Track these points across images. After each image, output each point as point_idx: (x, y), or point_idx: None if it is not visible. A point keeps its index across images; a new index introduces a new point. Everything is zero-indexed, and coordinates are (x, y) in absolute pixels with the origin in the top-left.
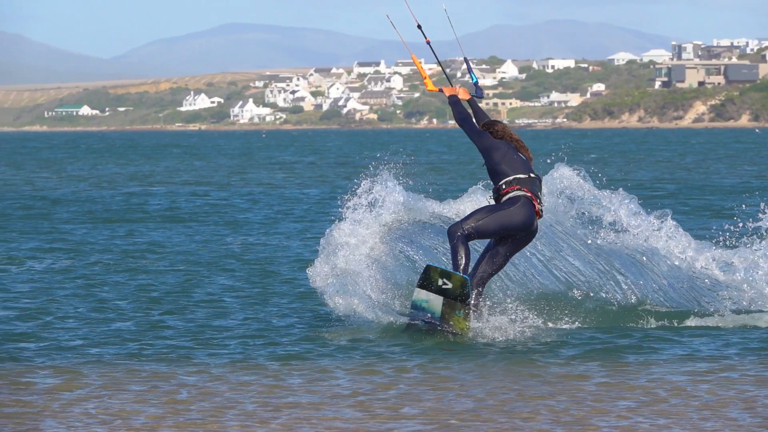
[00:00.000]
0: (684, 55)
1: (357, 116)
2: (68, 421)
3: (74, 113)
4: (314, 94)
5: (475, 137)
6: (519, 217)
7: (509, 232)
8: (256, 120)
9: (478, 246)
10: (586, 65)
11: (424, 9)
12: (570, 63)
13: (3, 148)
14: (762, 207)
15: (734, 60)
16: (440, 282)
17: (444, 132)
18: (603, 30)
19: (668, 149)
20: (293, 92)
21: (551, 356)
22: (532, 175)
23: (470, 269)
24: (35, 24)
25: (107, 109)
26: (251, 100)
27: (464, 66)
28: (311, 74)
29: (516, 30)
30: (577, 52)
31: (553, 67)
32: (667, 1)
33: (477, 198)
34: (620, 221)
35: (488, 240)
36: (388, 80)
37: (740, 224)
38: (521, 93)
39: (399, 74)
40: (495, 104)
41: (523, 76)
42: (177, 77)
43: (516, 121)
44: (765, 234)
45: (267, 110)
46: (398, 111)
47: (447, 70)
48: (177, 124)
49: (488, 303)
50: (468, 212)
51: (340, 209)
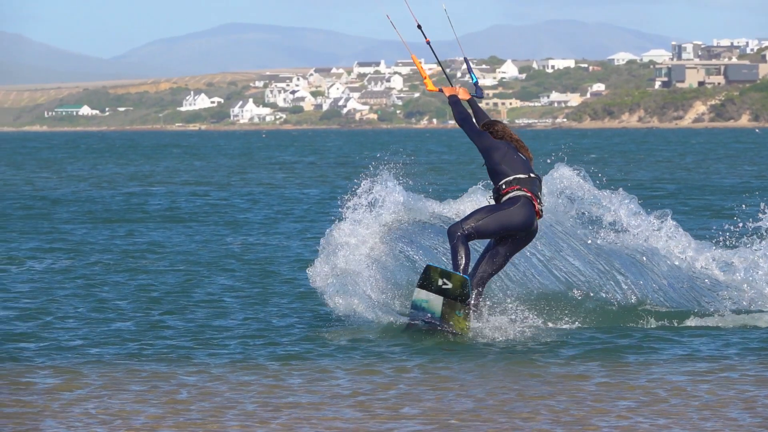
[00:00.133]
0: (684, 55)
1: (357, 116)
2: (68, 421)
3: (74, 113)
4: (314, 94)
5: (475, 137)
6: (519, 217)
7: (509, 232)
8: (256, 120)
9: (478, 246)
10: (586, 65)
11: (424, 9)
12: (570, 63)
13: (3, 148)
14: (762, 207)
15: (734, 60)
16: (440, 282)
17: (444, 132)
18: (603, 30)
19: (668, 149)
20: (293, 92)
21: (551, 356)
22: (532, 175)
23: (470, 269)
24: (35, 24)
25: (107, 109)
26: (251, 100)
27: (464, 66)
28: (311, 74)
29: (516, 30)
30: (577, 52)
31: (553, 67)
32: (667, 1)
33: (477, 198)
34: (620, 221)
35: (488, 240)
36: (388, 80)
37: (740, 224)
38: (521, 93)
39: (399, 74)
40: (495, 104)
41: (523, 76)
42: (177, 77)
43: (516, 121)
44: (765, 234)
45: (267, 110)
46: (398, 111)
47: (447, 70)
48: (177, 124)
49: (488, 303)
50: (468, 212)
51: (340, 209)
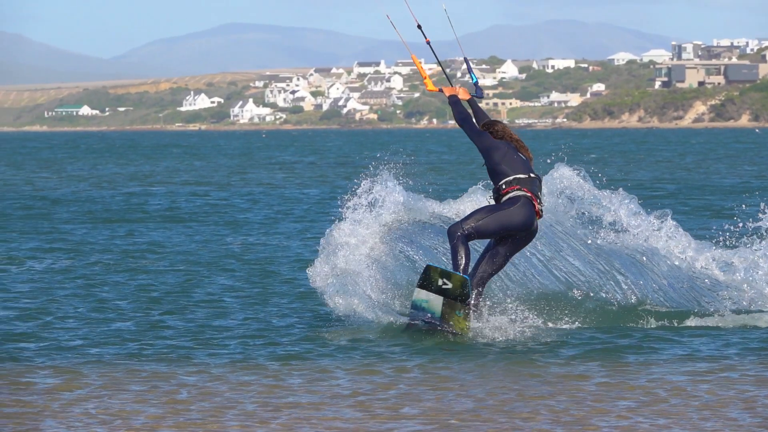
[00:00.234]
0: (684, 55)
1: (357, 116)
2: (68, 421)
3: (74, 113)
4: (314, 94)
5: (475, 137)
6: (519, 217)
7: (509, 232)
8: (256, 120)
9: (478, 246)
10: (586, 65)
11: (424, 9)
12: (570, 63)
13: (3, 148)
14: (762, 207)
15: (734, 60)
16: (440, 282)
17: (444, 132)
18: (603, 30)
19: (668, 149)
20: (293, 92)
21: (551, 356)
22: (532, 175)
23: (470, 269)
24: (35, 24)
25: (107, 109)
26: (251, 100)
27: (464, 66)
28: (311, 74)
29: (516, 30)
30: (577, 52)
31: (553, 67)
32: (667, 1)
33: (477, 198)
34: (620, 221)
35: (488, 240)
36: (388, 80)
37: (740, 224)
38: (521, 93)
39: (399, 74)
40: (495, 104)
41: (523, 76)
42: (177, 77)
43: (516, 121)
44: (765, 234)
45: (267, 110)
46: (398, 111)
47: (447, 70)
48: (177, 124)
49: (488, 303)
50: (468, 212)
51: (340, 209)
